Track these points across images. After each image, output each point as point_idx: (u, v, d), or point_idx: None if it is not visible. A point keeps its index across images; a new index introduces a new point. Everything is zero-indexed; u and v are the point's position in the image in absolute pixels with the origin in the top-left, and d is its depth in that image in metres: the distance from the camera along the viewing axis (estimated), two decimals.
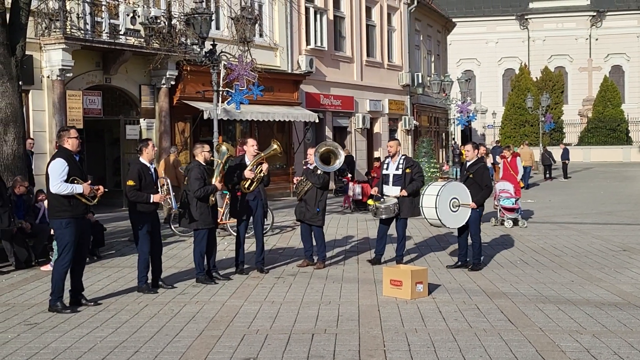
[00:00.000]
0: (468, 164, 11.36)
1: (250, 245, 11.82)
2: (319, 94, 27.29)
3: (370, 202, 11.36)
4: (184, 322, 7.90)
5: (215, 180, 10.02)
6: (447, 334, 7.35)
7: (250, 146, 10.92)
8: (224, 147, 10.62)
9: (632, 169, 42.21)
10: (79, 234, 8.51)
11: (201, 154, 10.19)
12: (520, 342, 7.02)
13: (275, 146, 10.95)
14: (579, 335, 7.26)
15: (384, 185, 11.48)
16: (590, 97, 62.97)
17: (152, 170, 9.62)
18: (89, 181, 8.56)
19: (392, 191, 11.30)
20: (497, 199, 16.62)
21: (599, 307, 8.44)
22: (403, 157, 11.53)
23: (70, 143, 8.53)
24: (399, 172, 11.30)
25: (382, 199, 11.35)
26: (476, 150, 11.46)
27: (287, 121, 24.57)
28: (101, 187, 8.73)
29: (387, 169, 11.49)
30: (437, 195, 10.70)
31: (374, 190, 11.87)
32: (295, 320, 7.96)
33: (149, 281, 9.60)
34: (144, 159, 9.54)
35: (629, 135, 56.42)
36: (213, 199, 10.04)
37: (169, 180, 10.16)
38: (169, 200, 9.99)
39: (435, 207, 10.68)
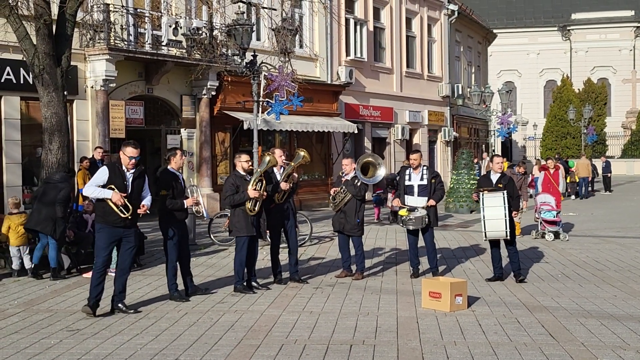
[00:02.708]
0: (497, 176, 11.32)
1: (285, 259, 11.82)
2: (358, 104, 27.30)
3: (402, 212, 11.31)
4: (222, 331, 7.95)
5: (250, 189, 10.07)
6: (487, 348, 7.27)
7: (278, 157, 10.96)
8: (267, 158, 10.69)
9: None
10: (114, 241, 8.65)
11: (239, 163, 10.34)
12: (561, 357, 6.92)
13: (302, 154, 10.99)
14: (622, 351, 7.14)
15: (407, 196, 11.38)
16: (634, 109, 61.95)
17: (181, 178, 9.82)
18: (125, 194, 8.65)
19: (418, 202, 11.27)
20: (538, 212, 16.43)
21: None
22: (425, 167, 11.52)
23: (122, 159, 8.75)
24: (424, 182, 11.29)
25: (415, 210, 11.28)
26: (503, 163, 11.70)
27: (326, 132, 24.63)
28: (145, 206, 8.87)
29: (409, 179, 11.43)
30: (504, 207, 10.70)
31: (396, 202, 11.79)
32: (333, 331, 7.96)
33: (180, 289, 9.70)
34: (172, 168, 9.72)
35: None
36: (249, 207, 10.05)
37: (202, 190, 10.25)
38: (201, 209, 10.08)
39: (505, 218, 10.71)
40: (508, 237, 10.91)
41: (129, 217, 8.65)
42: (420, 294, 9.42)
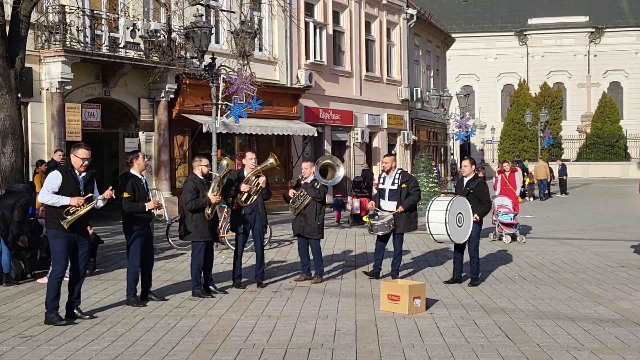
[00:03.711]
0: (467, 179, 11.36)
1: (247, 259, 11.77)
2: (318, 108, 27.33)
3: (365, 218, 11.34)
4: (180, 336, 7.87)
5: (211, 194, 10.00)
6: (445, 350, 7.31)
7: (249, 159, 10.92)
8: (224, 162, 10.62)
9: (630, 185, 42.14)
10: (69, 246, 8.50)
11: (198, 167, 10.23)
12: (517, 358, 6.99)
13: (272, 160, 10.94)
14: (577, 351, 7.23)
15: (380, 200, 11.47)
16: (589, 113, 63.07)
17: (144, 181, 9.70)
18: (84, 196, 8.49)
19: (389, 206, 11.30)
20: (495, 214, 16.61)
21: (597, 323, 8.41)
22: (399, 171, 11.54)
23: (73, 161, 8.58)
24: (395, 186, 11.30)
25: (376, 216, 11.33)
26: (473, 166, 11.48)
27: (286, 135, 24.61)
28: (111, 191, 8.75)
29: (383, 183, 11.49)
30: (447, 210, 10.66)
31: (370, 204, 11.86)
32: (292, 335, 7.93)
33: (138, 294, 9.60)
34: (134, 171, 9.61)
35: (628, 151, 56.50)
36: (209, 212, 10.00)
37: (162, 193, 10.14)
38: (163, 213, 9.97)
39: (445, 223, 10.63)
40: (455, 242, 10.93)
41: (88, 209, 8.45)
42: (379, 297, 9.44)
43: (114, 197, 8.94)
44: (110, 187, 8.85)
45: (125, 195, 9.39)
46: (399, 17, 33.98)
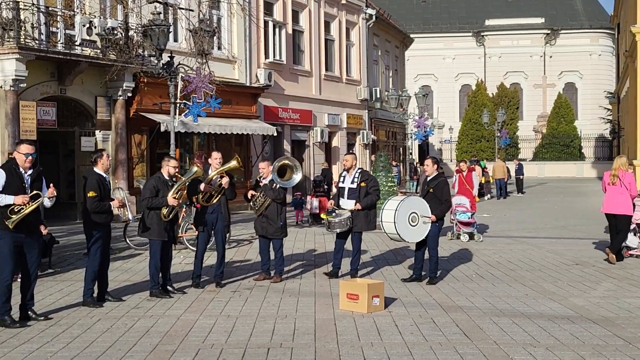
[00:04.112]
0: (428, 178, 11.43)
1: (207, 259, 11.68)
2: (277, 107, 27.29)
3: (323, 216, 11.36)
4: (137, 337, 7.78)
5: (170, 196, 9.92)
6: (403, 348, 7.35)
7: (214, 159, 10.89)
8: (194, 168, 10.56)
9: (584, 184, 42.98)
10: (19, 248, 8.30)
11: (165, 167, 10.23)
12: (474, 356, 7.06)
13: (234, 162, 10.88)
14: (533, 348, 7.33)
15: (340, 199, 11.50)
16: (545, 113, 64.09)
17: (108, 180, 9.59)
18: (29, 194, 8.29)
19: (347, 204, 11.33)
20: (453, 214, 16.75)
21: (552, 320, 8.54)
22: (359, 170, 11.57)
23: (17, 158, 8.35)
24: (354, 185, 11.34)
25: (334, 213, 11.36)
26: (435, 165, 11.52)
27: (245, 134, 24.51)
28: (51, 187, 8.54)
29: (343, 182, 11.52)
30: (396, 210, 10.73)
31: (330, 203, 11.89)
32: (251, 335, 7.90)
33: (95, 295, 9.48)
34: (99, 170, 9.49)
35: (582, 151, 57.51)
36: (165, 213, 9.91)
37: (125, 192, 10.02)
38: (126, 212, 9.86)
39: (394, 222, 10.71)
40: (408, 241, 11.01)
41: (34, 205, 8.24)
42: (338, 296, 9.45)
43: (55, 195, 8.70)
44: (52, 184, 8.65)
45: (92, 194, 9.27)
46: (358, 17, 34.10)
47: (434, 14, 70.14)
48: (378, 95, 35.22)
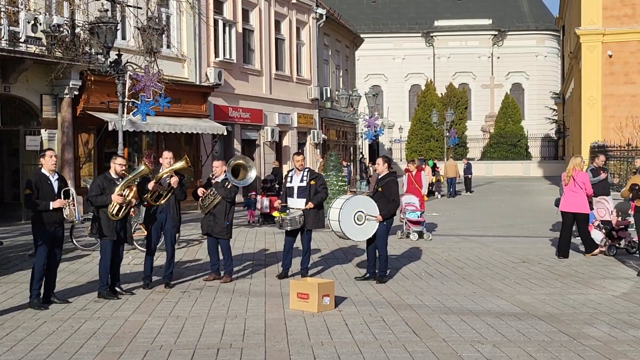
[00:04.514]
0: (378, 177, 11.50)
1: (156, 259, 11.56)
2: (227, 106, 27.14)
3: (275, 214, 11.33)
4: (84, 339, 7.65)
5: (115, 193, 9.80)
6: (353, 347, 7.38)
7: (165, 158, 10.80)
8: (142, 166, 10.43)
9: (531, 183, 43.74)
10: None
11: (113, 165, 10.13)
12: (424, 353, 7.12)
13: (183, 162, 10.80)
14: (481, 345, 7.43)
15: (288, 198, 11.47)
16: (493, 113, 65.01)
17: (53, 179, 9.41)
18: None
19: (297, 203, 11.33)
20: (403, 212, 16.88)
21: (500, 317, 8.66)
22: (307, 169, 11.60)
23: None
24: (304, 184, 11.35)
25: (287, 211, 11.36)
26: (386, 164, 11.58)
27: (195, 133, 24.31)
28: None
29: (291, 181, 11.49)
30: (341, 208, 10.81)
31: (277, 203, 11.88)
32: (200, 335, 7.84)
33: (41, 296, 9.31)
34: (44, 169, 9.36)
35: (529, 150, 58.53)
36: (112, 212, 9.77)
37: (73, 191, 9.83)
38: (72, 213, 9.67)
39: (339, 220, 10.80)
40: (354, 239, 11.08)
41: None
42: (288, 296, 9.44)
43: None
44: None
45: (26, 192, 9.23)
46: (308, 17, 34.12)
47: (384, 14, 70.57)
48: (328, 95, 35.30)
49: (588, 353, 7.09)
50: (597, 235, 13.86)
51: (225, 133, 25.48)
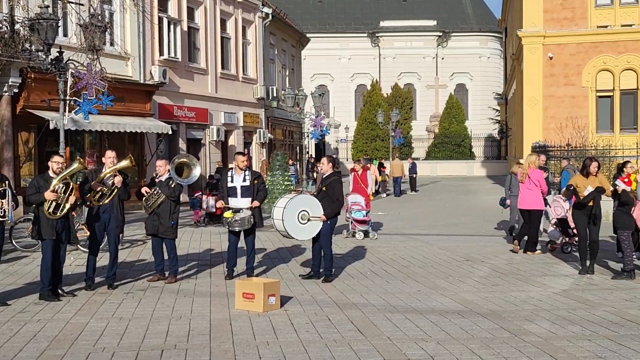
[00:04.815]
0: (323, 177, 11.53)
1: (99, 259, 11.37)
2: (172, 105, 26.86)
3: (227, 214, 11.24)
4: (23, 342, 7.49)
5: (48, 191, 9.61)
6: (299, 346, 7.38)
7: (108, 158, 10.66)
8: (76, 163, 10.24)
9: (475, 182, 44.38)
10: None
11: (50, 164, 9.97)
12: (369, 352, 7.16)
13: (127, 162, 10.66)
14: (425, 343, 7.51)
15: (231, 198, 11.36)
16: (437, 113, 65.79)
17: None
18: None
19: (242, 203, 11.27)
20: (348, 212, 16.96)
21: (443, 315, 8.77)
22: (247, 168, 11.58)
23: None
24: (247, 183, 11.31)
25: (240, 211, 11.28)
26: (331, 164, 11.61)
27: (139, 132, 24.00)
28: None
29: (232, 181, 11.40)
30: (284, 207, 10.83)
31: (220, 203, 11.80)
32: (144, 337, 7.74)
33: None
34: None
35: (472, 150, 59.39)
36: (49, 211, 9.57)
37: (10, 191, 9.60)
38: (6, 211, 9.45)
39: (282, 220, 10.82)
40: (298, 239, 11.11)
41: None
42: (233, 296, 9.40)
43: None
44: None
45: None
46: (254, 16, 33.99)
47: (330, 14, 70.80)
48: (275, 94, 35.23)
49: (529, 349, 7.23)
50: (555, 234, 14.21)
51: (170, 132, 25.21)
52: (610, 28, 30.57)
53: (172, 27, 26.96)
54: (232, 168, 11.65)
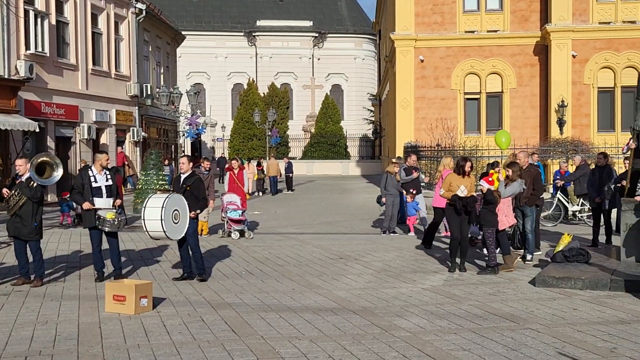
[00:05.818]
0: (184, 176, 11.44)
1: None
2: (40, 101, 25.81)
3: (109, 215, 10.89)
4: None
5: None
6: (171, 348, 7.27)
7: None
8: None
9: (350, 181, 45.16)
10: None
11: None
12: (242, 351, 7.14)
13: None
14: (298, 341, 7.57)
15: (96, 198, 10.99)
16: (313, 113, 66.51)
17: None
18: None
19: (108, 203, 10.99)
20: (224, 211, 16.85)
21: (317, 313, 8.87)
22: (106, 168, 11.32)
23: None
24: (110, 182, 11.07)
25: (119, 211, 11.00)
26: (191, 163, 11.64)
27: (3, 130, 22.91)
28: None
29: (96, 181, 11.05)
30: (163, 207, 10.62)
31: (86, 205, 11.33)
32: (6, 343, 7.40)
33: None
34: None
35: (347, 150, 60.41)
36: None
37: None
38: None
39: (161, 220, 10.60)
40: (171, 238, 10.99)
41: None
42: (104, 298, 9.14)
43: None
44: None
45: None
46: (127, 11, 33.19)
47: (206, 11, 70.16)
48: (149, 92, 34.52)
49: (398, 344, 7.43)
50: (475, 230, 14.62)
51: (37, 130, 24.21)
52: (477, 33, 31.87)
53: (39, 20, 25.87)
54: (90, 167, 11.24)
